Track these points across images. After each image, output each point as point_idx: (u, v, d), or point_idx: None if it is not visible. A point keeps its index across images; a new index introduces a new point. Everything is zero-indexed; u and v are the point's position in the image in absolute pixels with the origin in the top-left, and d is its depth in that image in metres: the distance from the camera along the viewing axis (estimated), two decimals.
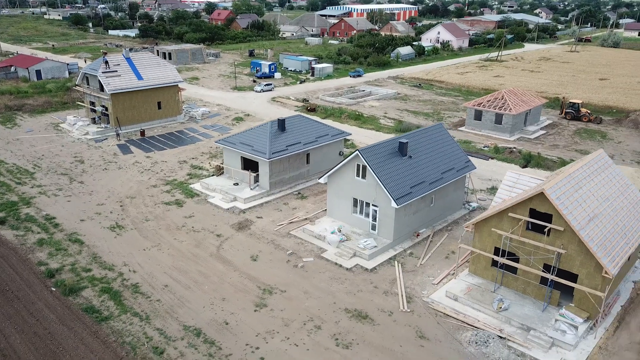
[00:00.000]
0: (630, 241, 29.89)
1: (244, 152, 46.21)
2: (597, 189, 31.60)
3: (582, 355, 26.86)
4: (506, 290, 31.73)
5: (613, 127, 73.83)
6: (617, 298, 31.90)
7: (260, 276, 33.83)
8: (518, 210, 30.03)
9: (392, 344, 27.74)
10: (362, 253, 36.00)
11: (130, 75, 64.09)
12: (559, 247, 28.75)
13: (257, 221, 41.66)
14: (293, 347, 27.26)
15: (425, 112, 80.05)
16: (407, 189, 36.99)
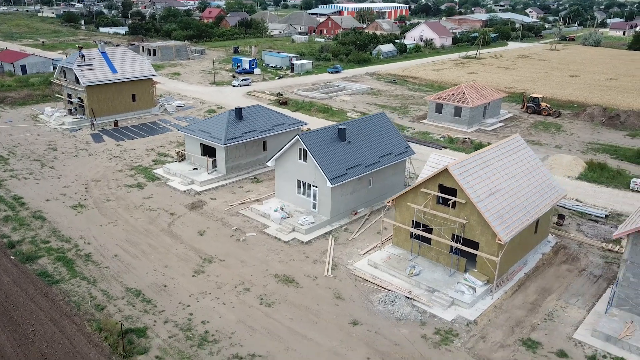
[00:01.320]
0: (529, 214, 33.23)
1: (203, 139, 49.55)
2: (504, 168, 34.96)
3: (476, 312, 30.25)
4: (422, 259, 35.10)
5: (570, 120, 77.24)
6: (523, 267, 35.28)
7: (203, 248, 37.17)
8: (429, 186, 33.39)
9: (310, 303, 31.10)
10: (300, 228, 39.37)
11: (105, 69, 67.33)
12: (463, 218, 32.14)
13: (210, 202, 45.02)
14: (221, 305, 30.61)
15: (393, 106, 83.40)
16: (342, 170, 40.34)
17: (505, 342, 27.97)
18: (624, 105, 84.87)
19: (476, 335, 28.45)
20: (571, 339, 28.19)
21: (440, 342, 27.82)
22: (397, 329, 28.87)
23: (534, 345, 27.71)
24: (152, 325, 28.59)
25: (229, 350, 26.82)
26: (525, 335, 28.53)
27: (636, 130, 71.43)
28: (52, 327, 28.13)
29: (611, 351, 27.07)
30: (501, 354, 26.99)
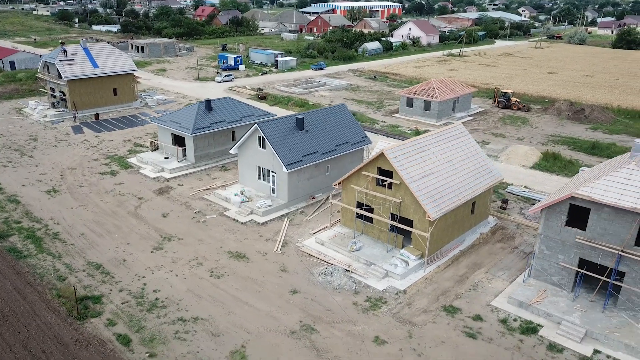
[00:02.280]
0: (461, 195, 35.91)
1: (173, 129, 52.22)
2: (441, 152, 37.67)
3: (407, 283, 32.98)
4: (366, 237, 37.81)
5: (538, 114, 79.98)
6: (459, 245, 38.01)
7: (165, 228, 39.86)
8: (369, 169, 36.11)
9: (257, 275, 33.82)
10: (257, 211, 42.09)
11: (87, 64, 69.96)
12: (398, 198, 34.85)
13: (178, 188, 47.71)
14: (173, 276, 33.31)
15: (369, 101, 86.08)
16: (299, 157, 43.03)
17: (429, 308, 30.70)
18: (593, 100, 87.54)
19: (403, 303, 31.19)
20: (489, 306, 30.94)
21: (368, 308, 30.55)
22: (332, 297, 31.60)
23: (454, 310, 30.45)
24: (107, 294, 31.31)
25: (174, 314, 29.54)
26: (448, 302, 31.27)
27: (599, 123, 74.20)
28: (16, 295, 30.85)
29: (522, 315, 29.81)
30: (422, 318, 29.72)
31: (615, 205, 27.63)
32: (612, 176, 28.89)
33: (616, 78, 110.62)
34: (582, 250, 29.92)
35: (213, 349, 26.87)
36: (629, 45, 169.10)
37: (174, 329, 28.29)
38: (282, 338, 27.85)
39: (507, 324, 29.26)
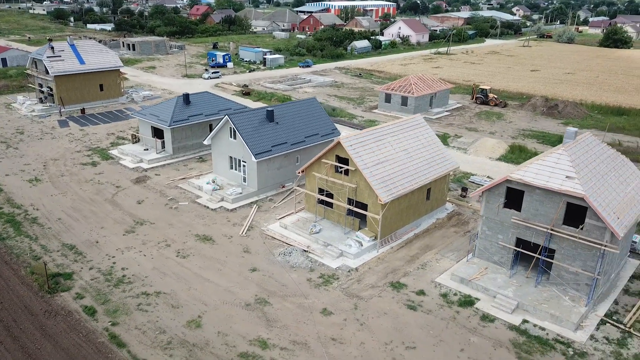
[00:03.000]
0: (414, 181, 38.16)
1: (152, 122, 54.45)
2: (397, 142, 39.93)
3: (359, 262, 35.26)
4: (326, 221, 40.06)
5: (514, 110, 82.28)
6: (415, 229, 40.27)
7: (138, 214, 42.11)
8: (328, 157, 38.36)
9: (220, 255, 36.08)
10: (228, 198, 44.34)
11: (73, 60, 72.15)
12: (353, 184, 37.11)
13: (155, 177, 49.94)
14: (142, 256, 35.57)
15: (351, 97, 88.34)
16: (268, 147, 45.28)
17: (377, 284, 32.97)
18: (571, 96, 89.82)
19: (353, 279, 33.45)
20: (433, 282, 33.21)
21: (321, 284, 32.81)
22: (289, 274, 33.86)
23: (400, 286, 32.72)
24: (78, 271, 33.56)
25: (139, 289, 31.79)
26: (396, 279, 33.54)
27: (571, 119, 76.52)
28: None
29: (462, 290, 32.09)
30: (369, 292, 31.99)
31: (544, 187, 29.92)
32: (543, 161, 31.19)
33: (596, 75, 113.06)
34: (518, 230, 32.20)
35: (171, 318, 29.13)
36: (616, 44, 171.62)
37: (137, 301, 30.55)
38: (236, 310, 30.12)
39: (447, 298, 31.55)
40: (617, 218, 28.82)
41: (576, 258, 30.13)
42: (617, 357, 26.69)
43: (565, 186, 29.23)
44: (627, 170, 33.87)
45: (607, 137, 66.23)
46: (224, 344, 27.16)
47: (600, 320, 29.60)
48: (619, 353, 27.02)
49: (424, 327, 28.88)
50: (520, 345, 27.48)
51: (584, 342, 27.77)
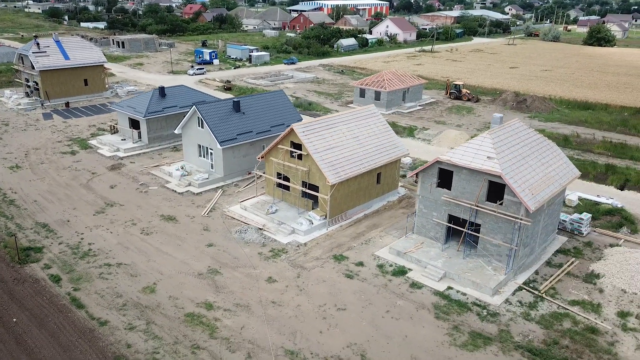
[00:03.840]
0: (362, 165, 41.17)
1: (129, 113, 57.41)
2: (349, 129, 42.93)
3: (308, 238, 38.29)
4: (284, 203, 43.08)
5: (485, 104, 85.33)
6: (365, 210, 43.29)
7: (110, 197, 45.10)
8: (284, 143, 41.36)
9: (181, 233, 39.08)
10: (194, 183, 47.34)
11: (58, 56, 75.08)
12: (306, 167, 40.11)
13: (129, 165, 52.93)
14: (108, 233, 38.56)
15: (329, 92, 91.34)
16: (233, 135, 48.28)
17: (321, 256, 36.01)
18: (543, 92, 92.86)
19: (300, 253, 36.47)
20: (373, 255, 36.25)
21: (270, 257, 35.83)
22: (242, 249, 36.88)
23: (342, 258, 35.75)
24: (48, 246, 36.55)
25: (102, 260, 34.79)
26: (339, 252, 36.56)
27: (538, 113, 79.56)
28: None
29: (397, 262, 35.13)
30: (312, 264, 35.01)
31: (468, 167, 32.95)
32: (470, 143, 34.22)
33: (572, 72, 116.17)
34: (449, 207, 35.21)
35: (129, 285, 32.13)
36: (599, 42, 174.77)
37: (99, 271, 33.54)
38: (189, 278, 33.12)
39: (382, 269, 34.58)
40: (531, 194, 31.85)
41: (498, 231, 33.18)
42: (525, 317, 29.76)
43: (486, 166, 32.27)
44: (551, 153, 36.90)
45: (567, 129, 69.34)
46: (173, 306, 30.17)
47: (518, 287, 32.66)
48: (528, 313, 30.08)
49: (356, 293, 31.91)
50: (441, 307, 30.52)
51: (499, 305, 30.81)
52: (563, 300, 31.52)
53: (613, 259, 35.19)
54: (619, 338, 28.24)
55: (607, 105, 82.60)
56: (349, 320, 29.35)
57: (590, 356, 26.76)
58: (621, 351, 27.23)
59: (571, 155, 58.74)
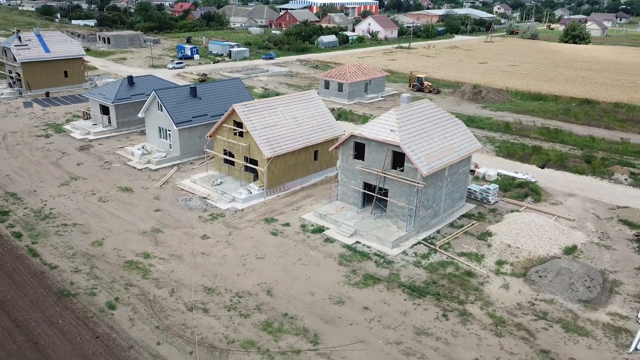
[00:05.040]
0: (298, 142, 46.22)
1: (99, 100, 62.41)
2: (289, 111, 47.98)
3: (246, 205, 43.36)
4: (230, 177, 48.13)
5: (445, 96, 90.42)
6: (303, 183, 48.34)
7: (75, 172, 50.10)
8: (228, 122, 46.40)
9: (134, 200, 44.10)
10: (153, 161, 52.35)
11: (39, 49, 80.00)
12: (246, 143, 45.15)
13: (98, 146, 57.94)
14: (69, 201, 43.57)
15: (300, 85, 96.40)
16: (189, 118, 53.31)
17: (254, 219, 41.08)
18: (503, 85, 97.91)
19: (236, 216, 41.55)
20: (299, 218, 41.32)
21: (208, 219, 40.89)
22: (185, 213, 41.93)
23: (271, 220, 40.83)
24: (14, 210, 41.56)
25: (60, 221, 39.80)
26: (271, 216, 41.63)
27: (491, 103, 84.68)
28: None
29: (318, 223, 40.20)
30: (244, 225, 40.09)
31: (375, 139, 38.03)
32: (378, 119, 39.31)
33: (537, 67, 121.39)
34: (364, 176, 40.28)
35: (80, 240, 37.15)
36: (574, 40, 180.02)
37: (56, 229, 38.57)
38: (134, 235, 38.16)
39: (304, 228, 39.66)
40: (427, 162, 36.93)
41: (401, 195, 38.25)
42: (415, 265, 34.86)
43: (389, 138, 37.34)
44: (456, 129, 41.96)
45: (513, 117, 74.39)
46: (115, 256, 35.21)
47: (417, 242, 37.76)
48: (419, 262, 35.17)
49: (277, 246, 36.98)
50: (345, 257, 35.62)
51: (395, 255, 35.91)
52: (453, 252, 36.63)
53: (507, 221, 40.31)
54: (490, 280, 33.37)
55: (558, 97, 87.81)
56: (265, 266, 34.42)
57: (460, 292, 31.88)
58: (487, 289, 32.35)
59: (507, 139, 63.97)
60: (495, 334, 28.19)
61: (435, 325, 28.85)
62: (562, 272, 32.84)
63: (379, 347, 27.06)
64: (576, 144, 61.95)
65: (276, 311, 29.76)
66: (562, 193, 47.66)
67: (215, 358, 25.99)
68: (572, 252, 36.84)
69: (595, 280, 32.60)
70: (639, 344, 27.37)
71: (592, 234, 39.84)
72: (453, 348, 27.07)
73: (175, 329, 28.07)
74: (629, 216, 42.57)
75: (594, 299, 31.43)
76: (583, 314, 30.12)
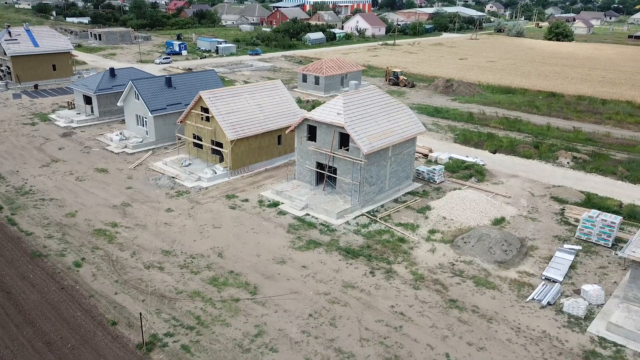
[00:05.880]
0: (261, 127, 50.04)
1: (82, 90, 66.22)
2: (254, 99, 51.81)
3: (211, 184, 47.20)
4: (199, 160, 51.97)
5: (418, 89, 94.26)
6: (267, 166, 52.16)
7: (57, 156, 53.93)
8: (197, 108, 50.23)
9: (109, 180, 47.94)
10: (130, 145, 56.18)
11: (28, 43, 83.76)
12: (212, 128, 48.98)
13: (80, 133, 61.78)
14: (48, 179, 47.42)
15: (281, 79, 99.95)
16: (163, 105, 57.14)
17: (216, 196, 44.95)
18: (477, 79, 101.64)
19: (200, 193, 45.41)
20: (259, 195, 45.16)
21: (174, 196, 44.75)
22: (154, 190, 45.78)
23: (232, 197, 44.70)
24: None
25: (39, 197, 43.65)
26: (232, 193, 45.47)
27: (461, 96, 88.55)
28: None
29: (275, 198, 44.06)
30: (207, 200, 43.95)
31: (323, 121, 41.88)
32: (328, 104, 43.15)
33: (514, 63, 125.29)
34: (316, 156, 44.13)
35: (55, 212, 40.99)
36: (557, 37, 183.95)
37: (34, 203, 42.42)
38: (105, 209, 41.99)
39: (261, 203, 43.53)
40: (369, 142, 40.78)
41: (348, 172, 42.11)
42: (355, 232, 38.74)
43: (335, 120, 41.19)
44: (401, 114, 45.82)
45: (478, 109, 78.14)
46: (86, 225, 39.07)
47: (361, 214, 41.63)
48: (358, 230, 39.06)
49: (233, 218, 40.86)
50: (293, 226, 39.51)
51: (339, 224, 39.80)
52: (392, 223, 40.52)
53: (446, 198, 44.18)
54: (419, 245, 37.27)
55: (526, 90, 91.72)
56: (220, 234, 38.30)
57: (390, 254, 35.78)
58: (415, 252, 36.25)
59: (468, 128, 67.84)
60: (414, 287, 32.10)
61: (362, 280, 32.74)
62: (483, 238, 36.77)
63: (309, 296, 30.95)
64: (531, 132, 65.87)
65: (224, 269, 33.65)
66: (505, 174, 51.57)
67: (165, 305, 29.87)
68: (500, 223, 40.77)
69: (512, 245, 36.54)
70: (537, 294, 31.28)
71: (523, 208, 43.78)
72: (373, 298, 30.96)
73: (132, 282, 31.95)
74: (560, 194, 46.49)
75: (509, 260, 35.36)
76: (495, 272, 34.04)
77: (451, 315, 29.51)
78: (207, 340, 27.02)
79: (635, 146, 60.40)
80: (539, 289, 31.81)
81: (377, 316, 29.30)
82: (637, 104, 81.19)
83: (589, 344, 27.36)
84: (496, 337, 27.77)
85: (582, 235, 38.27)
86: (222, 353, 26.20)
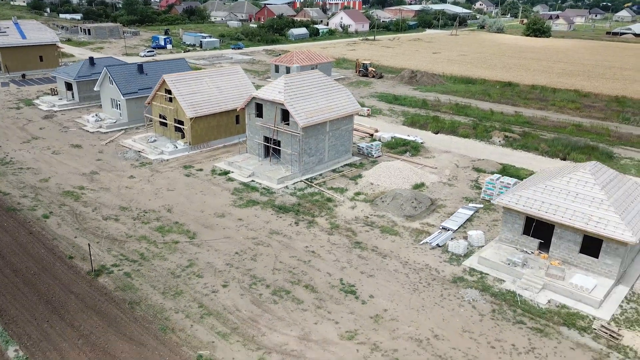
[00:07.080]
0: (219, 107, 55.84)
1: (64, 77, 71.97)
2: (214, 82, 57.59)
3: (172, 156, 53.02)
4: (164, 137, 57.74)
5: (385, 80, 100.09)
6: (226, 142, 57.94)
7: (37, 134, 59.69)
8: (161, 90, 56.02)
9: (82, 154, 53.72)
10: (104, 125, 61.97)
11: (16, 35, 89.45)
12: (174, 107, 54.76)
13: (60, 116, 67.56)
14: (27, 153, 53.20)
15: (256, 70, 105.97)
16: (135, 90, 62.92)
17: (175, 166, 50.77)
18: (443, 70, 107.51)
19: (162, 164, 51.21)
20: (213, 166, 50.99)
21: (138, 166, 50.57)
22: (121, 162, 51.61)
23: (189, 167, 50.53)
24: None
25: (17, 166, 49.43)
26: (190, 164, 51.27)
27: (423, 86, 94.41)
28: None
29: (227, 168, 49.92)
30: (166, 169, 49.79)
31: (267, 99, 47.70)
32: (272, 84, 48.96)
33: (484, 56, 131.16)
34: (263, 131, 49.96)
35: (31, 178, 46.81)
36: (535, 34, 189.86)
37: (13, 171, 48.23)
38: (75, 176, 47.79)
39: (214, 172, 49.37)
40: (306, 117, 46.61)
41: (289, 144, 47.95)
42: (291, 194, 44.59)
43: (277, 98, 47.01)
44: (340, 95, 51.64)
45: (435, 96, 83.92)
46: (57, 188, 44.88)
47: (300, 180, 47.46)
48: (294, 192, 44.93)
49: (186, 183, 46.70)
50: (238, 189, 45.38)
51: (278, 188, 45.65)
52: (325, 187, 46.38)
53: (376, 167, 50.03)
54: (343, 204, 43.16)
55: (485, 80, 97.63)
56: (172, 195, 44.14)
57: (316, 210, 41.64)
58: (338, 209, 42.13)
59: (419, 113, 73.69)
60: (328, 233, 38.00)
61: (287, 228, 38.64)
62: (396, 197, 42.66)
63: (239, 240, 36.83)
64: (477, 116, 71.78)
65: (170, 221, 39.52)
66: (439, 150, 57.47)
67: (115, 245, 35.73)
68: (419, 187, 46.68)
69: (422, 203, 42.45)
70: (430, 239, 37.15)
71: (445, 177, 49.67)
72: (292, 241, 36.84)
73: (91, 230, 37.80)
74: (481, 165, 52.40)
75: (416, 215, 41.27)
76: (402, 223, 39.95)
77: (353, 253, 35.43)
78: (147, 270, 32.92)
79: (566, 127, 66.40)
80: (434, 235, 37.73)
81: (292, 254, 35.20)
82: (583, 92, 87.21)
83: (460, 273, 33.31)
84: (386, 269, 33.68)
85: (485, 197, 44.23)
86: (157, 278, 32.08)
